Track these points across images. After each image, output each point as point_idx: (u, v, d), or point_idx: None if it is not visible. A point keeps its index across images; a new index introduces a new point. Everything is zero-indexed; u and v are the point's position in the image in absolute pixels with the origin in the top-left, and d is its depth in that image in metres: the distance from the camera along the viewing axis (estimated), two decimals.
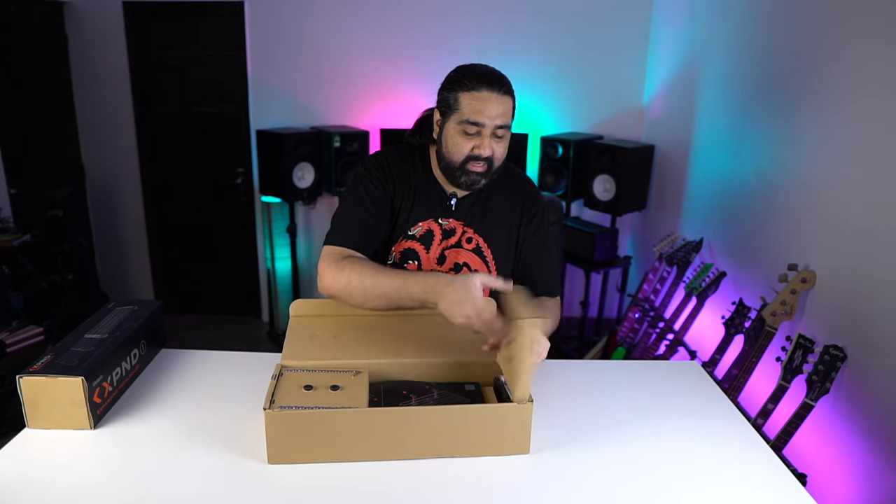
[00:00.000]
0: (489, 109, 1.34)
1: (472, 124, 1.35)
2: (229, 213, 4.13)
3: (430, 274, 1.25)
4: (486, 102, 1.34)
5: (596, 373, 1.49)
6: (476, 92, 1.35)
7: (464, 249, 1.49)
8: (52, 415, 1.15)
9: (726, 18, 2.90)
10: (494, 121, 1.35)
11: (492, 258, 1.50)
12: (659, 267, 3.10)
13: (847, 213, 1.96)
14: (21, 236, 3.19)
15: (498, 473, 1.08)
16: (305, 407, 1.06)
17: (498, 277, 1.21)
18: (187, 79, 3.93)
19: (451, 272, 1.49)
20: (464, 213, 1.50)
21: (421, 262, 1.49)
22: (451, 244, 1.49)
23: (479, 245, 1.50)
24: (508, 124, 1.39)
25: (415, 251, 1.49)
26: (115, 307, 1.45)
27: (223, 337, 4.02)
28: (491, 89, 1.35)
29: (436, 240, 1.49)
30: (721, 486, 1.08)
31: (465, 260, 1.49)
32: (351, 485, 1.04)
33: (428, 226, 1.49)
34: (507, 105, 1.37)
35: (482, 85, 1.36)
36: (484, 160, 1.38)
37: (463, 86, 1.37)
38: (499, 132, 1.38)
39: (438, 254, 1.49)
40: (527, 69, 3.81)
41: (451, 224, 1.50)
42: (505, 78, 1.40)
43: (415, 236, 1.48)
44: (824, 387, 1.87)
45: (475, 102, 1.35)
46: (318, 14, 3.75)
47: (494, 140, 1.38)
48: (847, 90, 1.99)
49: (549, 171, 3.73)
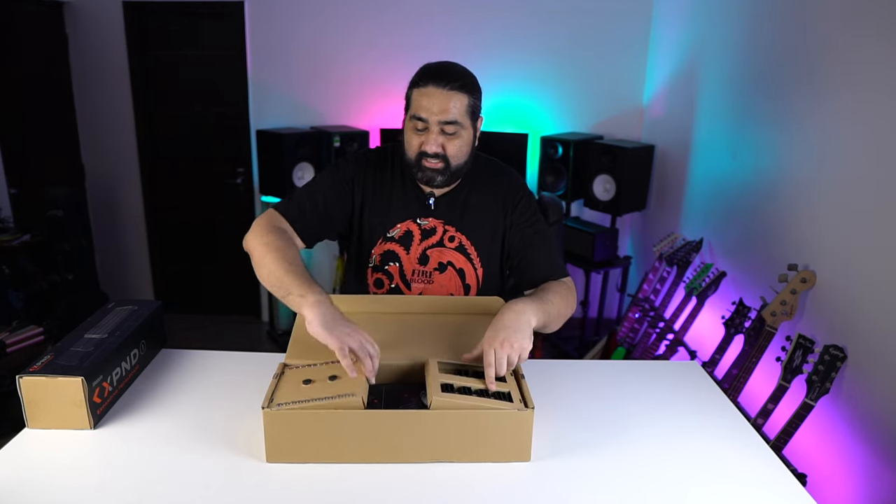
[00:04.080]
0: (433, 105, 1.33)
1: (418, 120, 1.36)
2: (229, 213, 4.13)
3: (311, 291, 1.18)
4: (430, 98, 1.33)
5: (596, 373, 1.49)
6: (423, 88, 1.35)
7: (447, 248, 1.49)
8: (51, 415, 1.15)
9: (726, 18, 2.90)
10: (438, 116, 1.33)
11: (476, 255, 1.50)
12: (659, 267, 3.10)
13: (847, 213, 1.96)
14: (21, 236, 3.19)
15: (498, 476, 1.08)
16: (303, 401, 1.05)
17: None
18: (188, 79, 3.93)
19: (436, 272, 1.49)
20: (443, 212, 1.49)
21: (402, 262, 1.49)
22: (432, 243, 1.49)
23: (462, 243, 1.49)
24: (457, 121, 1.35)
25: (394, 252, 1.49)
26: (115, 307, 1.45)
27: (223, 337, 4.02)
28: (437, 85, 1.33)
29: (415, 240, 1.48)
30: (721, 486, 1.08)
31: (448, 259, 1.49)
32: (349, 486, 1.04)
33: (406, 227, 1.49)
34: (456, 101, 1.34)
35: (429, 80, 1.35)
36: (439, 157, 1.37)
37: (414, 82, 1.38)
38: (447, 129, 1.35)
39: (420, 254, 1.49)
40: (527, 69, 3.81)
41: (431, 223, 1.49)
42: (458, 74, 1.37)
43: (394, 238, 1.49)
44: (824, 387, 1.87)
45: (421, 98, 1.35)
46: (318, 14, 3.75)
47: (444, 137, 1.36)
48: (847, 90, 1.99)
49: (549, 171, 3.73)
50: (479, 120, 1.44)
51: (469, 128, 1.39)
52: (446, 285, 1.50)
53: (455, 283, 1.51)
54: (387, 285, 1.52)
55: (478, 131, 1.45)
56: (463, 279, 1.51)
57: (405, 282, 1.50)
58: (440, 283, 1.50)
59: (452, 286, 1.51)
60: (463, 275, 1.50)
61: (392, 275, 1.50)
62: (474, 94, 1.38)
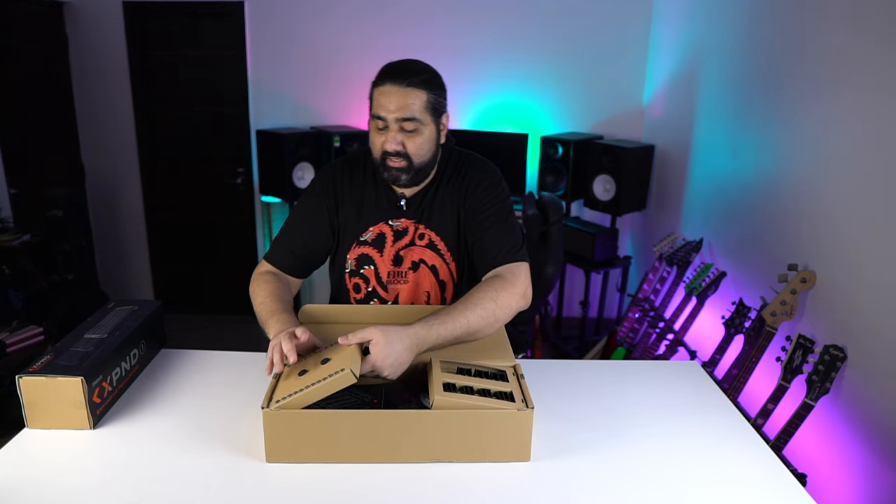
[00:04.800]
0: (390, 103, 1.33)
1: (378, 119, 1.36)
2: (229, 213, 4.13)
3: (279, 327, 1.24)
4: (387, 96, 1.34)
5: (596, 373, 1.49)
6: (381, 86, 1.35)
7: (417, 247, 1.49)
8: (51, 415, 1.15)
9: (726, 19, 2.90)
10: (395, 114, 1.33)
11: (446, 249, 1.49)
12: (659, 267, 3.10)
13: (847, 213, 1.96)
14: (21, 236, 3.19)
15: (498, 476, 1.08)
16: (300, 390, 1.06)
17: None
18: (187, 79, 3.93)
19: (410, 271, 1.49)
20: (414, 211, 1.49)
21: (377, 265, 1.49)
22: (404, 244, 1.49)
23: (431, 240, 1.49)
24: (416, 117, 1.34)
25: (369, 256, 1.49)
26: (115, 307, 1.45)
27: (223, 337, 4.02)
28: (393, 82, 1.34)
29: (388, 242, 1.48)
30: (721, 486, 1.08)
31: (419, 257, 1.49)
32: (349, 486, 1.04)
33: (379, 229, 1.49)
34: (413, 98, 1.33)
35: (386, 78, 1.35)
36: (401, 156, 1.37)
37: (374, 82, 1.38)
38: (406, 126, 1.35)
39: (393, 255, 1.48)
40: (527, 69, 3.81)
41: (403, 224, 1.49)
42: (417, 70, 1.36)
43: (367, 241, 1.49)
44: (824, 387, 1.87)
45: (379, 97, 1.35)
46: (318, 14, 3.75)
47: (403, 134, 1.36)
48: (847, 90, 1.99)
49: (549, 171, 3.73)
50: (443, 116, 1.43)
51: (430, 124, 1.38)
52: (422, 284, 1.50)
53: (430, 281, 1.50)
54: (364, 289, 1.52)
55: (443, 128, 1.44)
56: (437, 276, 1.50)
57: (381, 284, 1.50)
58: (415, 282, 1.49)
59: (427, 284, 1.50)
60: (436, 271, 1.49)
61: (368, 278, 1.50)
62: (434, 91, 1.37)
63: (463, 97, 3.82)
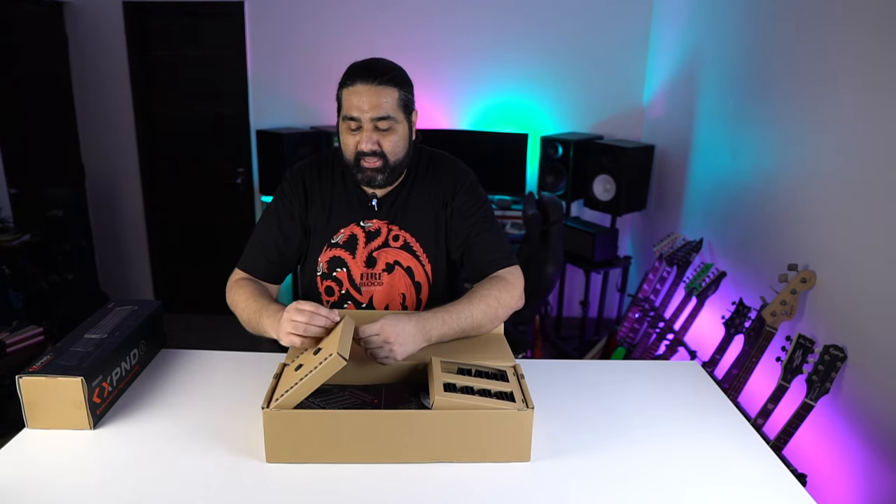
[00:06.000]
0: (362, 102, 1.32)
1: (350, 120, 1.34)
2: (229, 213, 4.13)
3: (277, 315, 1.25)
4: (359, 95, 1.32)
5: (596, 373, 1.49)
6: (351, 86, 1.34)
7: (391, 248, 1.47)
8: (51, 415, 1.15)
9: (726, 19, 2.90)
10: (369, 113, 1.32)
11: (421, 251, 1.48)
12: (659, 267, 3.10)
13: (847, 214, 1.96)
14: (21, 236, 3.19)
15: (498, 476, 1.08)
16: (296, 383, 1.06)
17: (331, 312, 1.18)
18: (187, 79, 3.93)
19: (384, 273, 1.47)
20: (386, 212, 1.47)
21: (349, 267, 1.47)
22: (377, 245, 1.47)
23: (406, 241, 1.48)
24: (390, 115, 1.34)
25: (341, 258, 1.47)
26: (115, 307, 1.45)
27: (223, 337, 4.01)
28: (364, 81, 1.32)
29: (360, 243, 1.47)
30: (721, 486, 1.08)
31: (394, 258, 1.47)
32: (349, 486, 1.04)
33: (350, 231, 1.47)
34: (386, 96, 1.33)
35: (356, 78, 1.33)
36: (376, 155, 1.35)
37: (342, 83, 1.36)
38: (381, 125, 1.33)
39: (366, 257, 1.47)
40: (527, 69, 3.81)
41: (376, 225, 1.47)
42: (386, 68, 1.36)
43: (338, 244, 1.47)
44: (824, 387, 1.87)
45: (351, 97, 1.33)
46: (318, 14, 3.75)
47: (378, 133, 1.35)
48: (847, 90, 1.99)
49: (549, 171, 3.73)
50: (413, 114, 1.42)
51: (403, 122, 1.38)
52: (396, 285, 1.48)
53: (405, 283, 1.48)
54: (337, 292, 1.49)
55: (414, 125, 1.44)
56: (412, 277, 1.48)
57: (355, 287, 1.48)
58: (390, 284, 1.48)
59: (402, 286, 1.48)
60: (412, 273, 1.48)
61: (341, 281, 1.48)
62: (404, 88, 1.37)
63: (463, 97, 3.82)
